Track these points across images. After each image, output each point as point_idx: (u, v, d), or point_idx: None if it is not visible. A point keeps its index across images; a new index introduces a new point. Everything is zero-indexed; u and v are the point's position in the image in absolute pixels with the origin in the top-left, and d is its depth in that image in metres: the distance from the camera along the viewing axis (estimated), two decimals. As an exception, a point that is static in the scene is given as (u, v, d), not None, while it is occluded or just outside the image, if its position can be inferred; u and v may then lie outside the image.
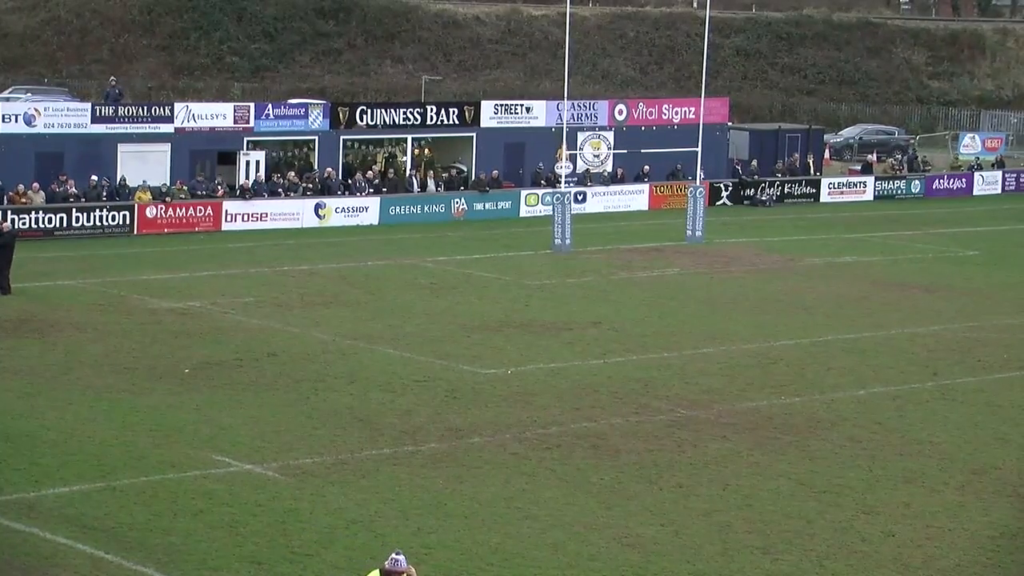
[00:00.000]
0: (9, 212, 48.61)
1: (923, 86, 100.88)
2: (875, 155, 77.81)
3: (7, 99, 64.57)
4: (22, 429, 27.90)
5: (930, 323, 40.66)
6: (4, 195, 50.55)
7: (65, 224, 50.65)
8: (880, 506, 25.14)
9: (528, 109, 62.59)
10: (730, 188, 65.58)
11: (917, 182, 71.30)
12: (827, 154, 76.48)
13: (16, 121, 52.50)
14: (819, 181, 68.66)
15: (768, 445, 28.52)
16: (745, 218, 61.67)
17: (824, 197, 68.10)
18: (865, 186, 69.83)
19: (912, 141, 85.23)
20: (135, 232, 51.81)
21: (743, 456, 27.78)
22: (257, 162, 56.18)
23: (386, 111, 59.96)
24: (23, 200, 50.50)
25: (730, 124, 69.00)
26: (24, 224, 49.02)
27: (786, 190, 67.14)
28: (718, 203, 64.21)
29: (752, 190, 66.05)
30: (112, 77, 65.31)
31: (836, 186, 69.12)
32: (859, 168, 72.98)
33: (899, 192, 70.47)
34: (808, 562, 22.51)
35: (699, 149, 56.97)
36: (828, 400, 32.05)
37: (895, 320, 41.02)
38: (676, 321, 40.10)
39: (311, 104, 60.00)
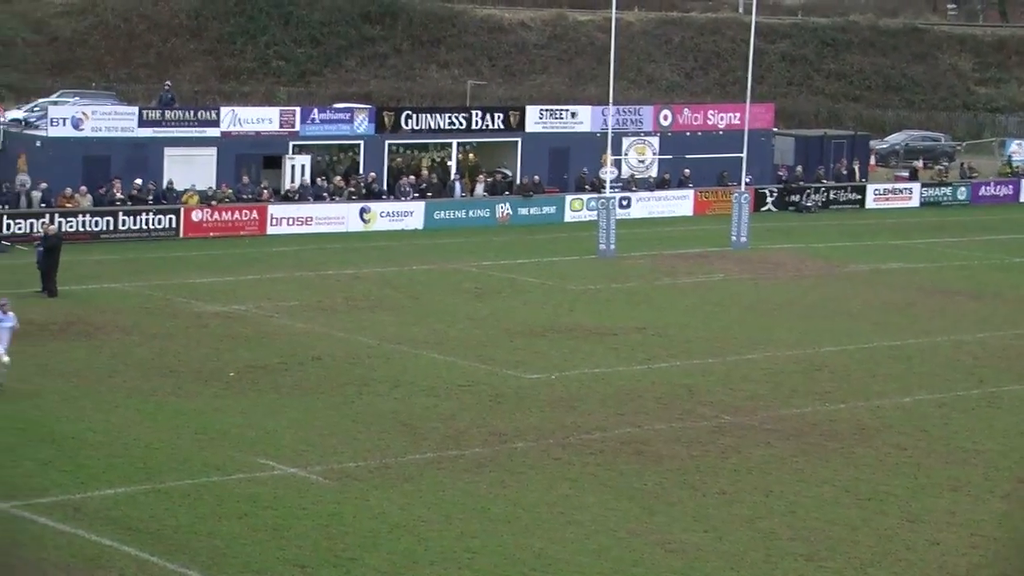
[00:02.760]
0: (56, 215, 48.90)
1: (969, 92, 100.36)
2: (921, 161, 77.41)
3: (55, 103, 64.90)
4: (68, 431, 28.07)
5: (976, 330, 40.45)
6: (52, 198, 50.83)
7: (112, 227, 50.89)
8: (925, 514, 25.03)
9: (573, 114, 62.55)
10: (775, 194, 65.38)
11: (963, 189, 70.92)
12: (872, 160, 76.13)
13: (64, 125, 52.82)
14: (864, 187, 68.39)
15: (812, 452, 28.43)
16: (790, 224, 61.50)
17: (870, 203, 67.84)
18: (911, 192, 69.53)
19: (956, 147, 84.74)
20: (181, 235, 52.04)
21: (787, 463, 27.71)
22: (303, 166, 56.35)
23: (431, 116, 60.05)
24: (70, 203, 50.79)
25: (775, 130, 68.80)
26: (71, 227, 49.31)
27: (831, 196, 66.90)
28: (763, 209, 64.05)
29: (797, 196, 65.84)
30: (167, 82, 65.62)
31: (882, 192, 68.85)
32: (905, 174, 72.63)
33: (945, 199, 70.11)
34: (852, 569, 22.43)
35: (744, 155, 56.85)
36: (873, 407, 31.93)
37: (941, 327, 40.82)
38: (720, 327, 40.02)
39: (356, 109, 60.11)
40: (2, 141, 53.74)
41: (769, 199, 65.07)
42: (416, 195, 57.36)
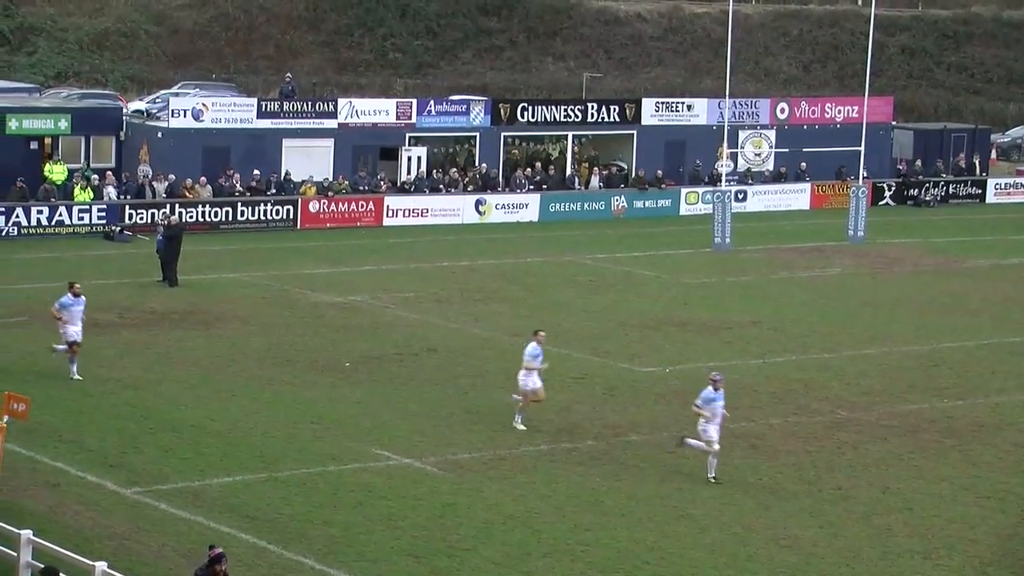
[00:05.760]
0: (177, 205, 49.50)
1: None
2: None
3: (176, 94, 65.67)
4: (188, 419, 28.44)
5: (1099, 327, 39.81)
6: (173, 188, 51.46)
7: (230, 218, 51.47)
8: (1046, 513, 24.71)
9: (689, 107, 62.27)
10: (893, 188, 64.72)
11: (1087, 183, 69.78)
12: (993, 154, 75.12)
13: (185, 116, 53.45)
14: (985, 181, 67.47)
15: (930, 449, 28.15)
16: (908, 218, 60.86)
17: (990, 198, 66.91)
18: (1033, 187, 68.53)
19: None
20: (298, 226, 52.48)
21: (904, 459, 27.45)
22: (419, 158, 56.61)
23: (547, 108, 60.08)
24: (190, 194, 51.40)
25: (894, 123, 68.08)
26: (191, 217, 49.92)
27: (951, 190, 66.09)
28: (881, 203, 63.41)
29: (916, 190, 65.13)
30: (288, 74, 66.22)
31: (1003, 187, 67.90)
32: (1027, 168, 71.61)
33: (1068, 193, 69.03)
34: (971, 568, 22.18)
35: (862, 148, 56.34)
36: (993, 404, 31.54)
37: (1063, 324, 40.24)
38: (837, 321, 39.70)
39: (473, 101, 60.26)
40: (125, 132, 54.51)
41: (887, 193, 64.42)
42: (532, 187, 57.42)
